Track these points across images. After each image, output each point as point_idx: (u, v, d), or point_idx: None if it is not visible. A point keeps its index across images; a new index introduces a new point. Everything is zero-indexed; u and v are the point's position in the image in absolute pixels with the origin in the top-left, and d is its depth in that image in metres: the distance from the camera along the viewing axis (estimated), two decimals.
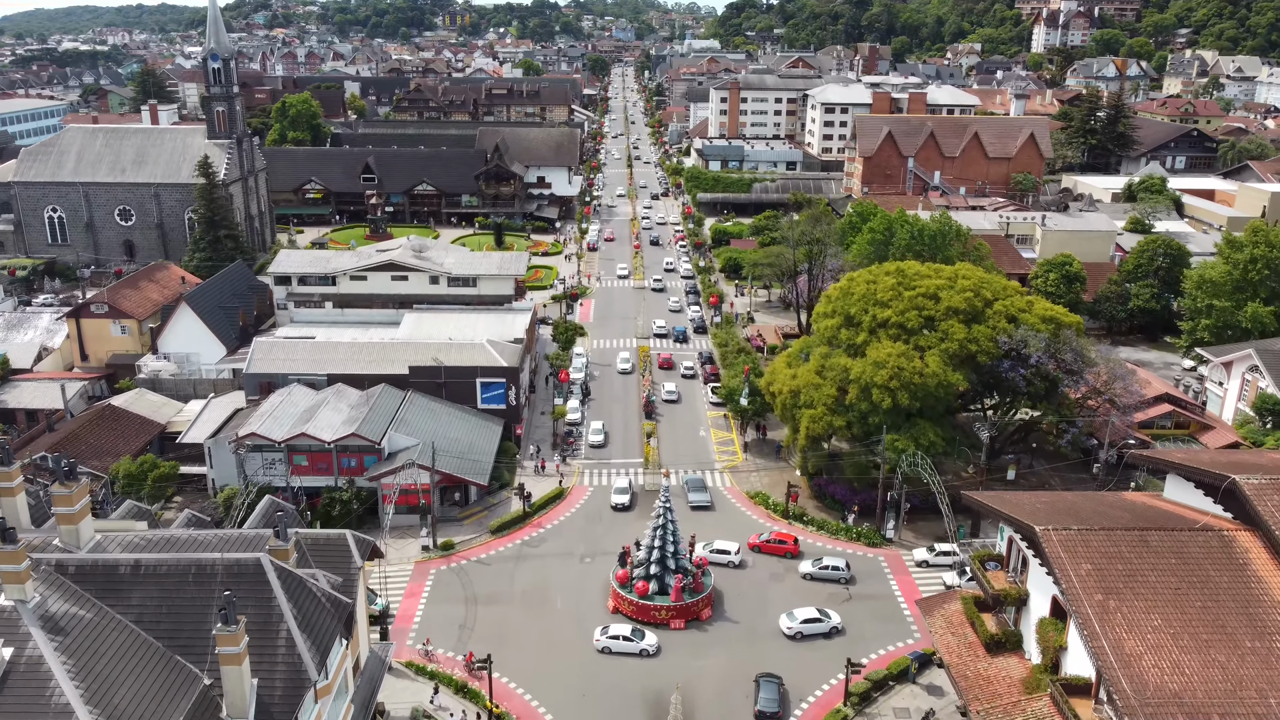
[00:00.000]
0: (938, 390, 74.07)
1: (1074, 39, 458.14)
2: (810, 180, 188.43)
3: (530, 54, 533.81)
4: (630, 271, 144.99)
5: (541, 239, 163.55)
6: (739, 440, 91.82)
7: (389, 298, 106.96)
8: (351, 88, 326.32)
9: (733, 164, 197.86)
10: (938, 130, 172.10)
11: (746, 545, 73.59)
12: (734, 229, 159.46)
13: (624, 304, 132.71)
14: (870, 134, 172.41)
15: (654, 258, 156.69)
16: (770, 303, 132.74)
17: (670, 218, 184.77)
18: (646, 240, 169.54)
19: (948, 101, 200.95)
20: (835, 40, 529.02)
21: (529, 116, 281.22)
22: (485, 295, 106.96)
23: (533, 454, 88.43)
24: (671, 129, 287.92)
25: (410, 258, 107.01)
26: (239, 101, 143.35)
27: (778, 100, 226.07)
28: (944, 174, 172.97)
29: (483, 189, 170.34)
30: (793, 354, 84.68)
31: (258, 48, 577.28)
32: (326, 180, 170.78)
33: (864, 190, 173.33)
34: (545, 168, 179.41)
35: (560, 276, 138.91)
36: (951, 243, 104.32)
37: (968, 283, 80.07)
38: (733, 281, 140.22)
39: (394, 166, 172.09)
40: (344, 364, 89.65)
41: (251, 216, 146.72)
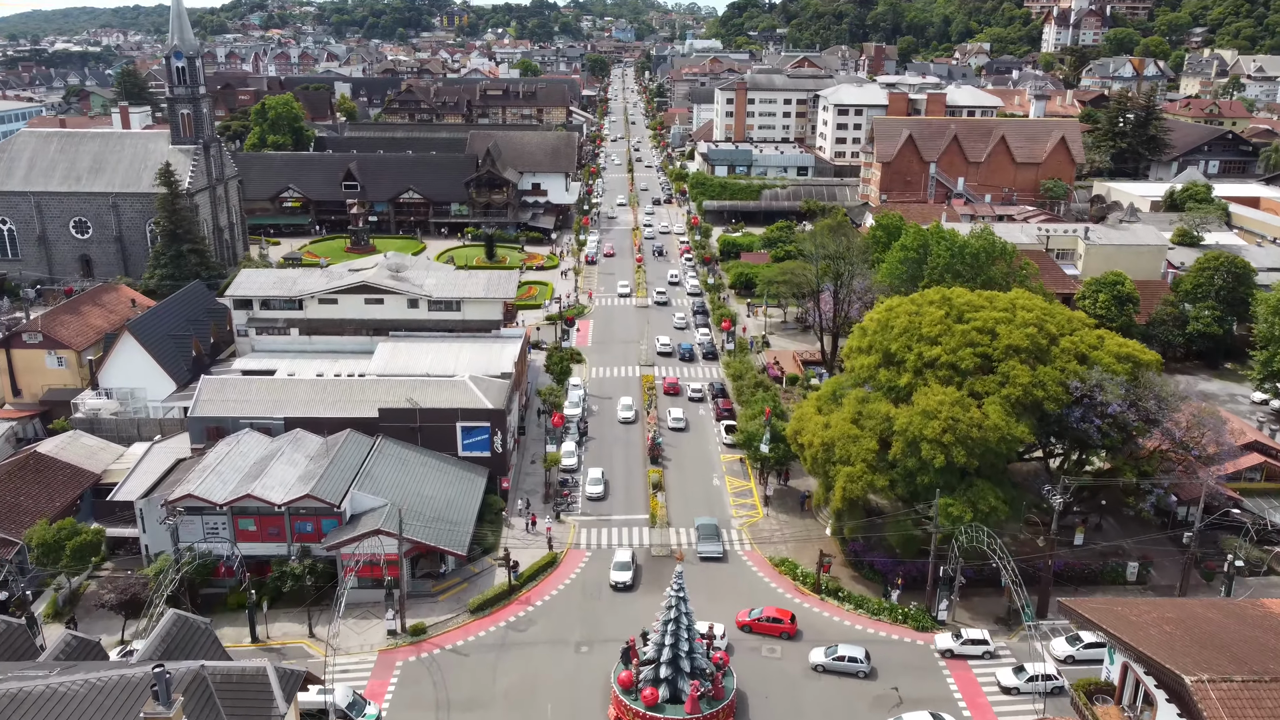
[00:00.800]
0: (999, 445, 62.44)
1: (1086, 38, 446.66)
2: (823, 187, 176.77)
3: (528, 54, 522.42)
4: (632, 289, 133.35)
5: (536, 251, 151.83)
6: (758, 491, 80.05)
7: (362, 323, 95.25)
8: (342, 89, 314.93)
9: (740, 169, 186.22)
10: (961, 134, 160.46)
11: (735, 624, 62.27)
12: (744, 240, 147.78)
13: (625, 325, 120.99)
14: (889, 138, 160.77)
15: (657, 271, 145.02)
16: (786, 324, 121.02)
17: (675, 227, 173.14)
18: (649, 250, 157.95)
19: (968, 103, 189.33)
20: (839, 40, 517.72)
21: (525, 119, 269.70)
22: (470, 320, 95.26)
23: (521, 509, 76.75)
24: (674, 131, 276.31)
25: (386, 278, 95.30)
26: (206, 103, 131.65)
27: (787, 101, 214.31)
28: (968, 180, 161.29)
29: (473, 197, 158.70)
30: (823, 396, 72.90)
31: (251, 48, 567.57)
32: (305, 188, 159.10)
33: (882, 198, 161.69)
34: (541, 174, 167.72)
35: (555, 295, 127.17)
36: (995, 261, 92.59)
37: (1029, 315, 68.38)
38: (744, 300, 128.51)
39: (378, 173, 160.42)
40: (304, 406, 77.97)
41: (221, 228, 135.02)
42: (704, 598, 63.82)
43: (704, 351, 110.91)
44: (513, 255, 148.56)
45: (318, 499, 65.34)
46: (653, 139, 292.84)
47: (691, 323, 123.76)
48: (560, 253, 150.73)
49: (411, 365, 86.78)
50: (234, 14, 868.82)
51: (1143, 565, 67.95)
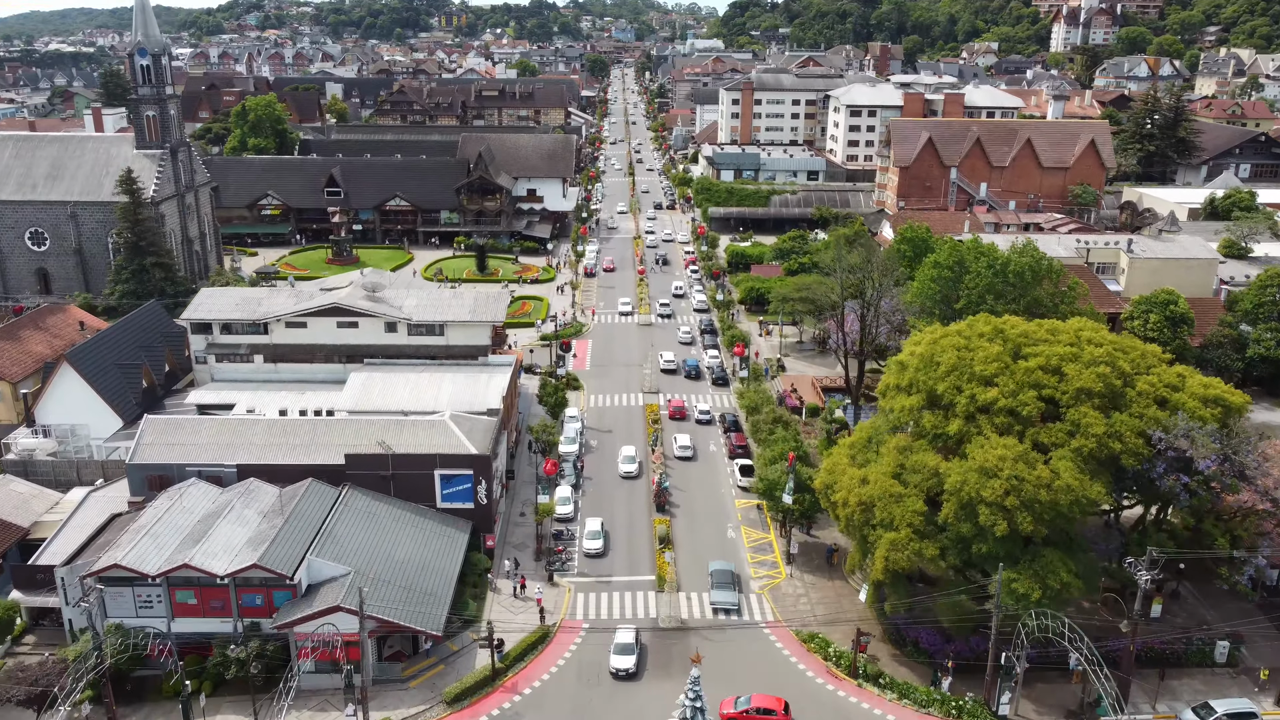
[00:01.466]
0: (1071, 509, 52.67)
1: (1096, 37, 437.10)
2: (835, 192, 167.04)
3: (526, 54, 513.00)
4: (634, 306, 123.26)
5: (531, 263, 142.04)
6: (779, 548, 70.26)
7: (334, 349, 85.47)
8: (333, 89, 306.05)
9: (747, 173, 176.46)
10: (984, 136, 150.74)
11: (718, 714, 52.48)
12: (753, 251, 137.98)
13: (627, 345, 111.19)
14: (907, 140, 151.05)
15: (660, 283, 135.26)
16: (802, 344, 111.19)
17: (679, 234, 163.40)
18: (652, 260, 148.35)
19: (987, 103, 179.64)
20: (843, 40, 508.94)
21: (522, 120, 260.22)
22: (454, 346, 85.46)
23: (509, 569, 66.98)
24: (676, 133, 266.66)
25: (360, 299, 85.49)
26: (174, 105, 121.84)
27: (795, 102, 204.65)
28: (991, 186, 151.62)
29: (464, 204, 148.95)
30: (857, 443, 63.10)
31: (245, 49, 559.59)
32: (285, 194, 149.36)
33: (899, 204, 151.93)
34: (536, 179, 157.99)
35: (551, 313, 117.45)
36: (1041, 281, 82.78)
37: (1098, 351, 58.57)
38: (755, 317, 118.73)
39: (363, 178, 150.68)
40: (261, 450, 68.18)
41: (190, 240, 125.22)
42: (720, 681, 54.13)
43: (714, 376, 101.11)
44: (506, 267, 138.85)
45: (268, 569, 55.56)
46: (654, 141, 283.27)
47: (698, 339, 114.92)
48: (557, 264, 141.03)
49: (387, 398, 77.07)
50: (230, 14, 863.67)
51: (1233, 645, 58.16)
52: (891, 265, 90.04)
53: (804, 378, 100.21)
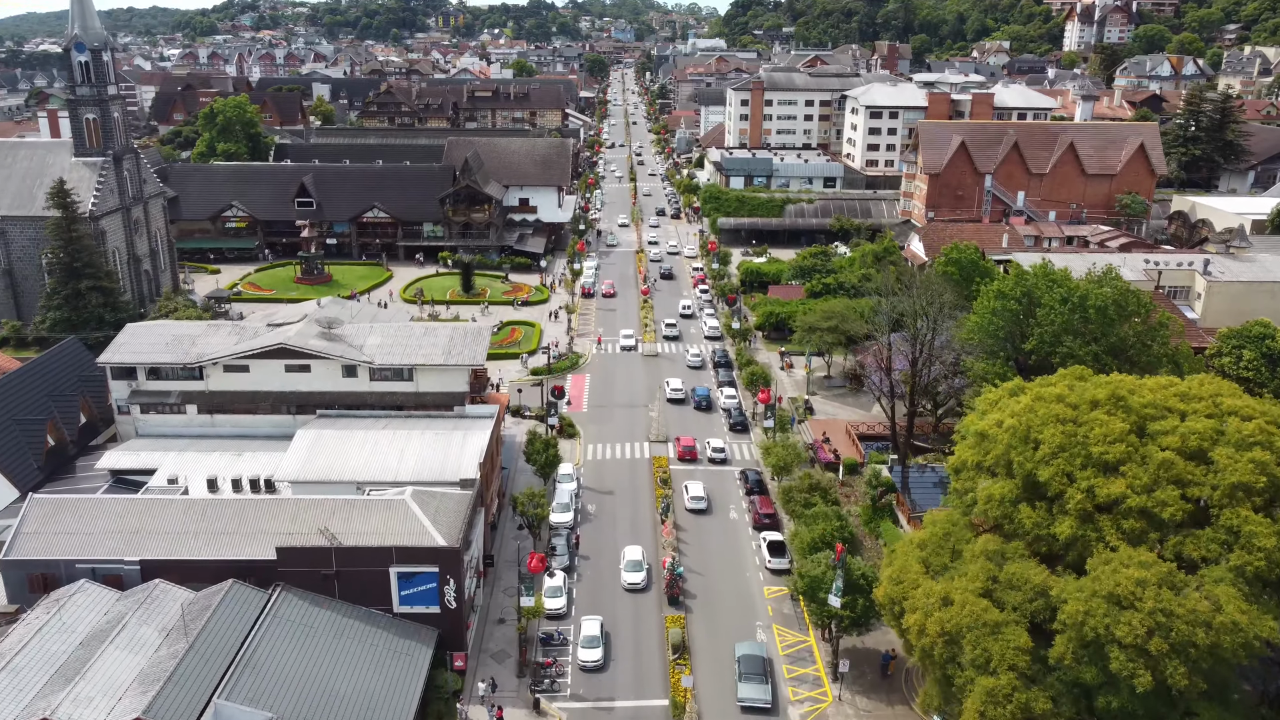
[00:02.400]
0: (1235, 654, 38.82)
1: (1111, 36, 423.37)
2: (856, 201, 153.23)
3: (524, 54, 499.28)
4: (638, 338, 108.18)
5: (522, 281, 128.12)
6: (822, 657, 56.34)
7: (282, 398, 71.60)
8: (320, 90, 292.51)
9: (759, 180, 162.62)
10: (1023, 140, 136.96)
11: None
12: (769, 268, 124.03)
13: (630, 381, 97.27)
14: (937, 145, 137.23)
15: (666, 303, 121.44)
16: (830, 379, 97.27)
17: (685, 246, 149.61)
18: (656, 274, 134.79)
19: (1019, 104, 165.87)
20: (849, 39, 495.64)
21: (517, 122, 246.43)
22: (426, 394, 71.61)
23: (483, 692, 53.07)
24: (679, 136, 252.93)
25: (313, 338, 71.57)
26: (118, 106, 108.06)
27: (809, 103, 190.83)
28: (1029, 195, 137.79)
29: (449, 216, 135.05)
30: (929, 542, 49.07)
31: (236, 49, 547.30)
32: (252, 206, 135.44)
33: (929, 215, 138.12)
34: (529, 187, 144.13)
35: (544, 343, 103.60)
36: (1128, 318, 68.93)
37: (1248, 427, 44.56)
38: (774, 345, 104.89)
39: (338, 187, 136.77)
40: (172, 540, 54.38)
41: (138, 258, 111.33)
42: None
43: (731, 420, 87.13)
44: (494, 286, 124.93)
45: None
46: (656, 144, 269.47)
47: (708, 361, 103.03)
48: (551, 283, 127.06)
49: (339, 464, 63.15)
50: (224, 15, 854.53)
51: None
52: (944, 295, 75.79)
53: (836, 422, 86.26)
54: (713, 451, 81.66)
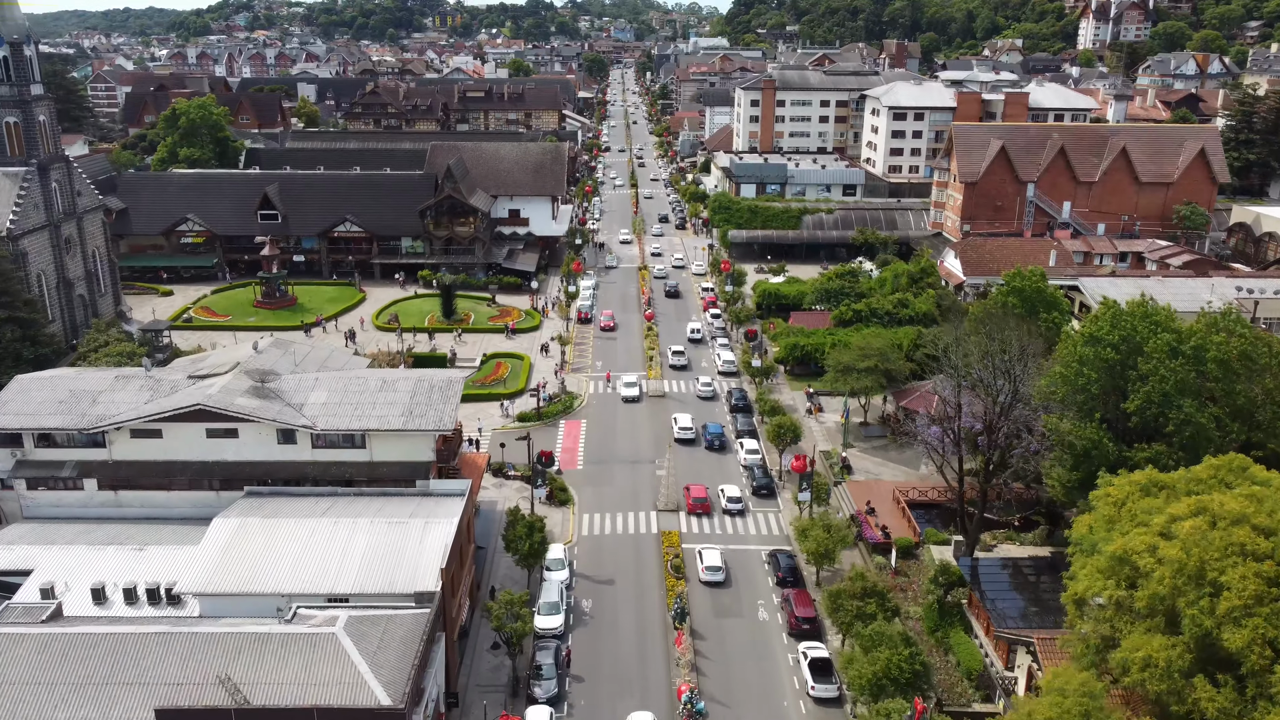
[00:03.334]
0: None
1: (1128, 34, 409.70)
2: (880, 211, 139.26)
3: (521, 54, 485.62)
4: (642, 382, 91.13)
5: (511, 304, 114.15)
6: None
7: (205, 471, 57.72)
8: (306, 90, 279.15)
9: (772, 188, 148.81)
10: (1070, 145, 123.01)
11: None
12: (789, 290, 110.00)
13: (634, 430, 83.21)
14: (974, 150, 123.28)
15: (673, 327, 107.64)
16: (867, 424, 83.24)
17: (692, 261, 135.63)
18: (660, 292, 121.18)
19: (1057, 105, 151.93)
20: (855, 37, 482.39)
21: (510, 124, 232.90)
22: (381, 465, 57.73)
23: None
24: (683, 138, 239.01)
25: (240, 395, 57.62)
26: (45, 109, 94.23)
27: (824, 103, 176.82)
28: (1075, 205, 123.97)
29: (430, 229, 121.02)
30: None
31: (226, 49, 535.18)
32: (210, 218, 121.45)
33: (964, 228, 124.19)
34: (520, 197, 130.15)
35: (533, 385, 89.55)
36: (1261, 373, 54.98)
37: None
38: (800, 383, 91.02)
39: (306, 198, 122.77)
40: (10, 701, 40.34)
41: (70, 282, 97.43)
42: None
43: (754, 482, 73.08)
44: (479, 310, 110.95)
45: None
46: (658, 147, 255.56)
47: (719, 390, 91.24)
48: (543, 306, 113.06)
49: (262, 567, 49.22)
50: (218, 15, 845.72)
51: None
52: (1028, 341, 61.60)
53: (880, 485, 72.30)
54: (728, 502, 69.63)
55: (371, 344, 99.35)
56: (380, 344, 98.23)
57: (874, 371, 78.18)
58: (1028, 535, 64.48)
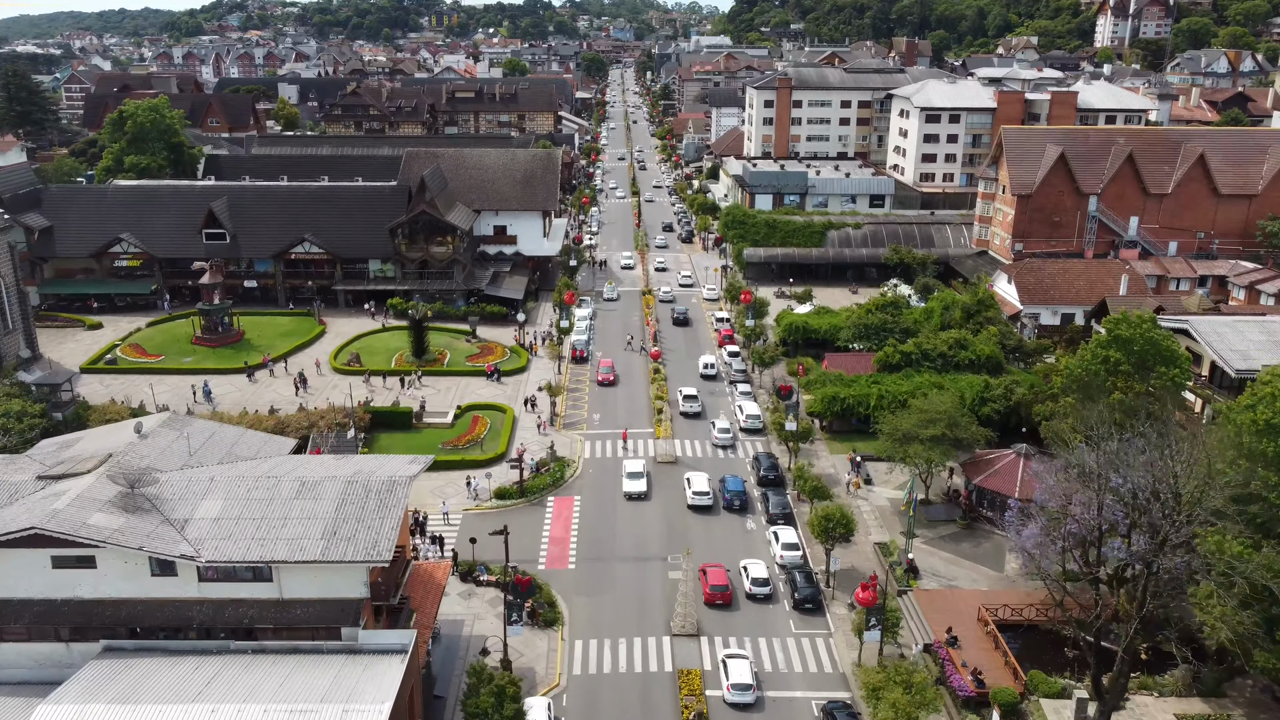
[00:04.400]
0: None
1: (1148, 30, 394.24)
2: (914, 226, 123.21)
3: (518, 53, 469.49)
4: (648, 479, 69.63)
5: (494, 339, 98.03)
6: None
7: (50, 615, 41.70)
8: (288, 91, 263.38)
9: (790, 199, 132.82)
10: (1139, 152, 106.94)
11: None
12: (819, 323, 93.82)
13: (640, 516, 66.93)
14: (1028, 157, 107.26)
15: (684, 367, 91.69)
16: (929, 502, 67.06)
17: (705, 287, 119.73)
18: (667, 317, 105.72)
19: (1108, 105, 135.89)
20: (862, 35, 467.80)
21: (503, 127, 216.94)
22: (294, 606, 41.71)
23: None
24: (687, 142, 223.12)
25: (100, 509, 41.64)
26: None
27: (845, 104, 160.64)
28: (1142, 220, 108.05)
29: (402, 250, 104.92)
30: None
31: (213, 49, 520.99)
32: (148, 238, 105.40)
33: (1016, 246, 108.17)
34: (507, 212, 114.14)
35: (513, 450, 73.41)
36: None
37: None
38: (840, 443, 75.07)
39: (259, 214, 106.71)
40: None
41: None
42: None
43: (796, 594, 56.63)
44: (457, 346, 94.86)
45: None
46: (660, 150, 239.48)
47: (736, 435, 77.92)
48: (532, 342, 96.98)
49: None
50: (212, 16, 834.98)
51: None
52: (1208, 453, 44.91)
53: (958, 595, 56.17)
54: (753, 585, 55.89)
55: (326, 390, 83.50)
56: (335, 391, 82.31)
57: (941, 441, 62.25)
58: (1165, 680, 48.43)
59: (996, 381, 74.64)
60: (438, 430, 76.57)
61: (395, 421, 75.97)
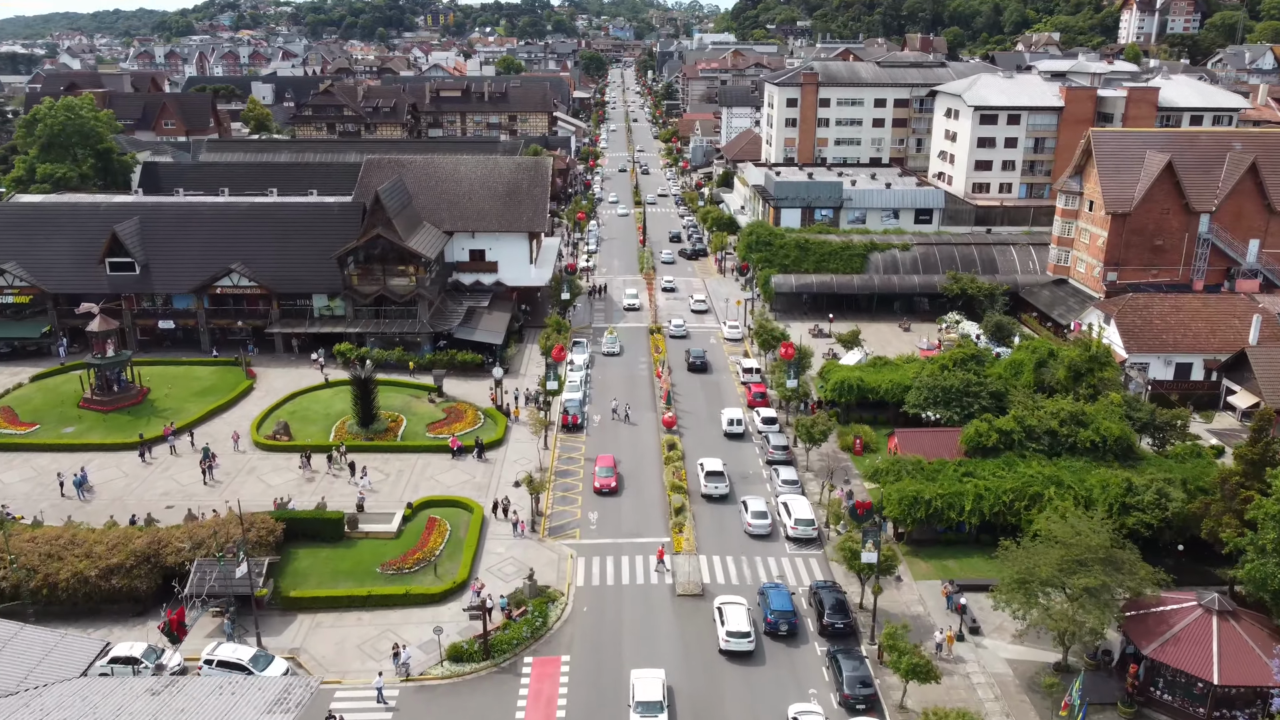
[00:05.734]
0: None
1: (1175, 25, 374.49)
2: (972, 247, 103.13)
3: (513, 51, 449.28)
4: (664, 693, 43.83)
5: (464, 398, 77.70)
6: None
7: None
8: (263, 90, 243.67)
9: (822, 214, 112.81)
10: (1263, 160, 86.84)
11: None
12: (876, 379, 73.41)
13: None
14: (1125, 167, 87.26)
15: (703, 430, 71.73)
16: (1066, 668, 46.73)
17: (725, 323, 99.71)
18: (681, 360, 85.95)
19: (1195, 103, 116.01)
20: (872, 32, 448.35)
21: (492, 129, 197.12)
22: None
23: None
24: (694, 145, 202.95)
25: None
26: None
27: (879, 102, 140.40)
28: (1264, 244, 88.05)
29: (353, 283, 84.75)
30: None
31: (197, 48, 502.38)
32: (38, 269, 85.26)
33: (1109, 277, 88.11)
34: (486, 234, 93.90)
35: (474, 581, 53.23)
36: None
37: None
38: (930, 561, 54.98)
39: (178, 239, 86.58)
40: None
41: None
42: None
43: None
44: (416, 408, 74.68)
45: None
46: (665, 155, 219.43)
47: (773, 517, 60.10)
48: (509, 406, 76.63)
49: None
50: (204, 15, 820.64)
51: None
52: None
53: None
54: None
55: (241, 475, 63.58)
56: (252, 477, 62.37)
57: (1096, 596, 42.24)
58: None
59: (1140, 479, 54.61)
60: (379, 541, 56.53)
61: (320, 532, 55.87)
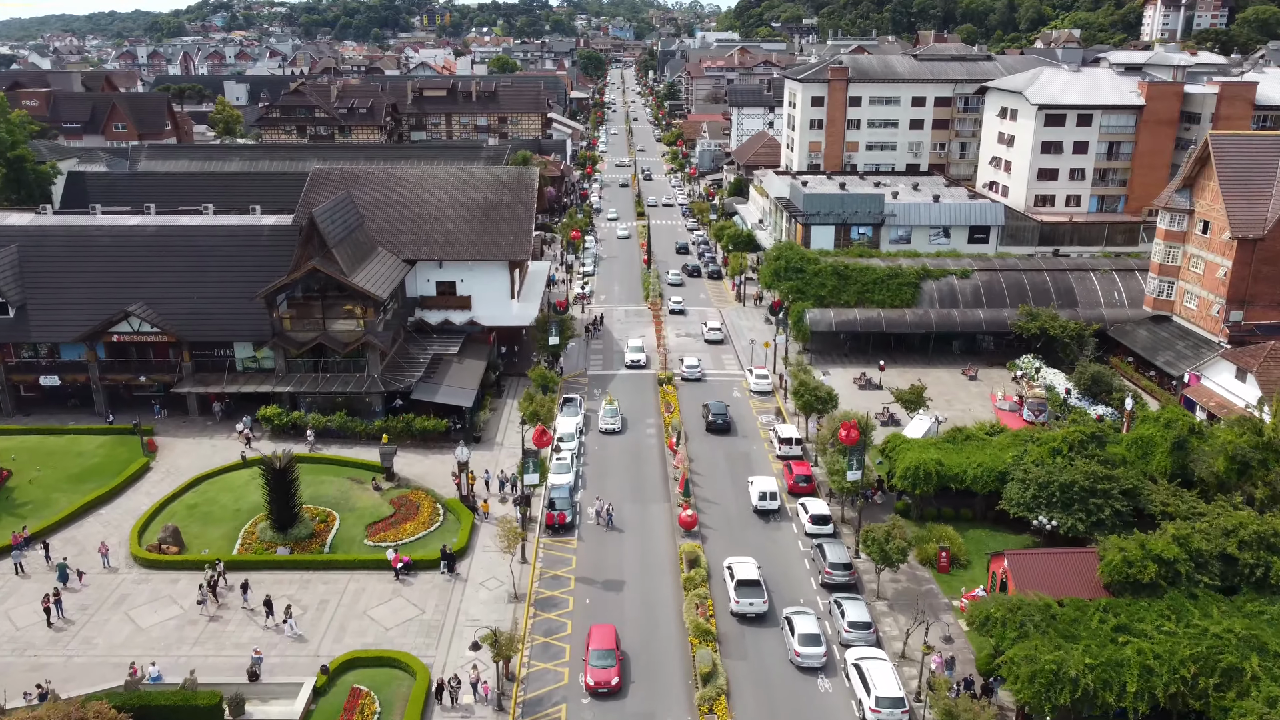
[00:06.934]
0: None
1: (1202, 22, 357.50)
2: (1044, 273, 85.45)
3: (509, 50, 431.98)
4: None
5: (418, 487, 59.82)
6: None
7: None
8: (237, 91, 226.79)
9: (859, 232, 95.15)
10: None
11: None
12: (957, 462, 55.62)
13: None
14: (1255, 180, 69.69)
15: (729, 516, 54.29)
16: None
17: (753, 372, 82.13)
18: (697, 418, 68.94)
19: None
20: (881, 30, 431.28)
21: (481, 131, 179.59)
22: None
23: None
24: (701, 149, 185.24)
25: None
26: None
27: (917, 101, 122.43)
28: None
29: (285, 327, 67.08)
30: None
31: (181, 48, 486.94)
32: None
33: (1232, 316, 70.52)
34: (457, 263, 76.12)
35: None
36: None
37: None
38: None
39: (66, 273, 69.02)
40: None
41: None
42: None
43: None
44: (357, 503, 57.02)
45: None
46: (669, 160, 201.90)
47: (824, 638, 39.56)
48: (476, 501, 58.83)
49: None
50: (196, 16, 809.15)
51: None
52: None
53: None
54: None
55: (108, 602, 46.15)
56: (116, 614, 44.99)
57: None
58: None
59: None
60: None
61: (190, 719, 38.21)
